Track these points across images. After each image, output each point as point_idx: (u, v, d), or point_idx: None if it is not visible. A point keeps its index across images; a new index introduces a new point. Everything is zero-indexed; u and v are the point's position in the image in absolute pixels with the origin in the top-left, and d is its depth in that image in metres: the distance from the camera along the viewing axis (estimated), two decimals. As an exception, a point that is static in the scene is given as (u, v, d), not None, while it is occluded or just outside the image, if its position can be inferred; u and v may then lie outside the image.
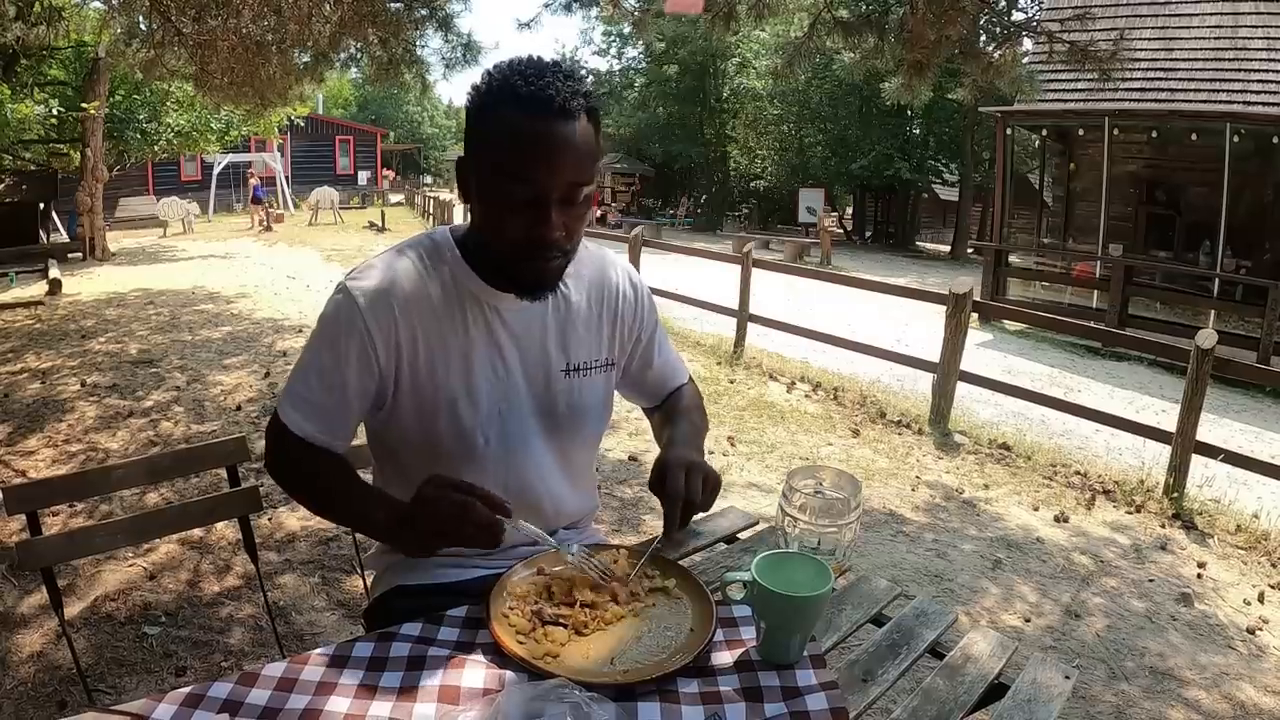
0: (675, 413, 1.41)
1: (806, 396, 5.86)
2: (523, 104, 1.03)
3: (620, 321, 1.32)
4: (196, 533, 3.09)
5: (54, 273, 9.57)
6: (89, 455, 4.00)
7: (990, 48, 5.52)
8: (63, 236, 13.77)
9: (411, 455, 1.22)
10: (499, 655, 0.98)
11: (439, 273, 1.18)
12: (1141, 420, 4.97)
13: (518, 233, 1.08)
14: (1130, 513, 4.15)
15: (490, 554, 1.25)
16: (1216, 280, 9.95)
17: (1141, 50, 9.99)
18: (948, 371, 5.31)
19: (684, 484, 1.13)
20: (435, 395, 1.17)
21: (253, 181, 20.17)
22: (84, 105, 10.90)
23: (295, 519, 3.32)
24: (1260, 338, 8.45)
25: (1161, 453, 4.53)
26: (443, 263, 1.19)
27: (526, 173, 1.04)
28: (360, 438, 1.33)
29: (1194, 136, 10.01)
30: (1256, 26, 10.41)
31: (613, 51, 30.40)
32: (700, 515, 1.22)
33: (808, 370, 6.52)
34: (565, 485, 1.30)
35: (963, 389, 5.44)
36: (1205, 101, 10.12)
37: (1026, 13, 22.00)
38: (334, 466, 1.19)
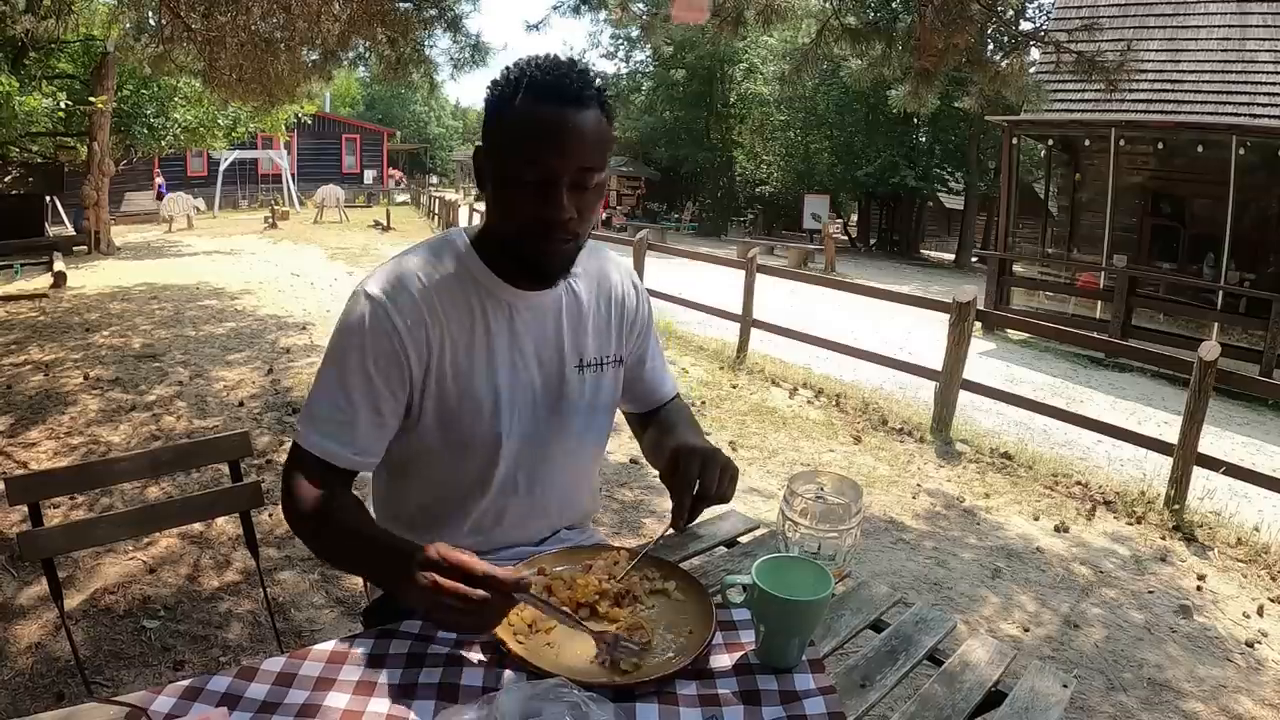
0: (678, 420, 1.38)
1: (809, 403, 5.86)
2: (538, 91, 1.06)
3: (624, 318, 1.32)
4: (197, 527, 3.09)
5: (58, 265, 9.57)
6: (91, 448, 4.01)
7: (997, 57, 5.52)
8: (68, 229, 13.79)
9: (425, 460, 1.20)
10: (498, 654, 0.98)
11: (455, 270, 1.17)
12: (1143, 432, 4.96)
13: (528, 213, 1.08)
14: (1131, 524, 4.14)
15: (484, 556, 1.24)
16: (1220, 293, 9.94)
17: (1149, 61, 9.99)
18: (950, 380, 5.30)
19: (697, 472, 1.10)
20: (459, 393, 1.16)
21: (159, 181, 21.58)
22: (92, 99, 10.92)
23: (295, 515, 3.32)
24: (1263, 351, 8.44)
25: (1163, 464, 4.52)
26: (458, 259, 1.18)
27: (539, 155, 1.05)
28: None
29: (1200, 148, 10.00)
30: (1264, 39, 10.41)
31: (620, 55, 30.38)
32: (705, 515, 1.20)
33: (810, 376, 6.51)
34: (572, 484, 1.30)
35: (965, 398, 5.43)
36: (1212, 113, 10.11)
37: (1034, 23, 22.03)
38: (352, 506, 1.12)
